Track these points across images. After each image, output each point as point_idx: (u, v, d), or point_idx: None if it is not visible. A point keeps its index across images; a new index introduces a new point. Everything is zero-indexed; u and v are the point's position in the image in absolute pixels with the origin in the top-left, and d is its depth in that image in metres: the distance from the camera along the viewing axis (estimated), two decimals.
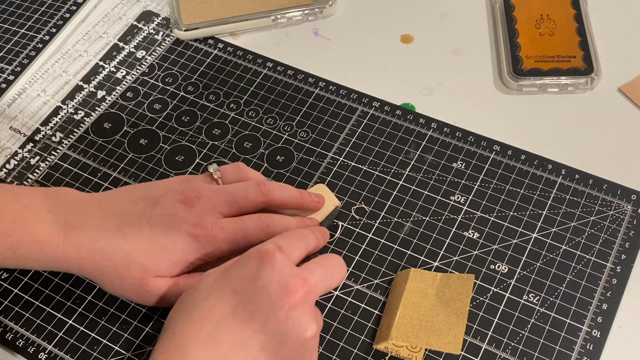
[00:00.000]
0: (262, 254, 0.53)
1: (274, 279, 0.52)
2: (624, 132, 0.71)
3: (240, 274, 0.53)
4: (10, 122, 0.77)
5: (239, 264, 0.54)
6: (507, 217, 0.66)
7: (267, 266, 0.53)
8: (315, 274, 0.54)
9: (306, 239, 0.59)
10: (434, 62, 0.78)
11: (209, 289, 0.53)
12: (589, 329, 0.59)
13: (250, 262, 0.53)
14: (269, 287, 0.52)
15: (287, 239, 0.56)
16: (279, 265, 0.53)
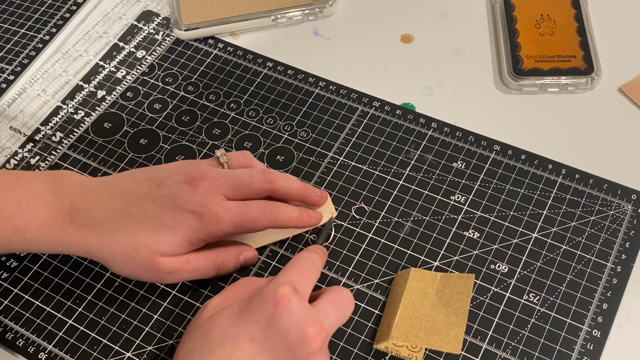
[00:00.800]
0: (278, 298, 0.52)
1: (292, 326, 0.51)
2: (624, 132, 0.71)
3: (256, 319, 0.51)
4: (11, 121, 0.77)
5: (254, 306, 0.52)
6: (508, 216, 0.66)
7: (284, 312, 0.51)
8: (330, 316, 0.53)
9: (316, 265, 0.58)
10: (434, 62, 0.78)
11: (225, 333, 0.52)
12: (589, 328, 0.59)
13: (266, 305, 0.52)
14: (287, 335, 0.51)
15: (300, 274, 0.55)
16: (296, 309, 0.51)
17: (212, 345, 0.51)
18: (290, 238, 0.66)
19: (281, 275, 0.55)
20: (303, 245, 0.66)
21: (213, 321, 0.53)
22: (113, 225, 0.59)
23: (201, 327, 0.53)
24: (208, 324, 0.53)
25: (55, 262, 0.66)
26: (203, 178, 0.59)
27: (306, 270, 0.56)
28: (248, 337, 0.51)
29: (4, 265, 0.66)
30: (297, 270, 0.56)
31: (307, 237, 0.66)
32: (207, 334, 0.52)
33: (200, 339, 0.53)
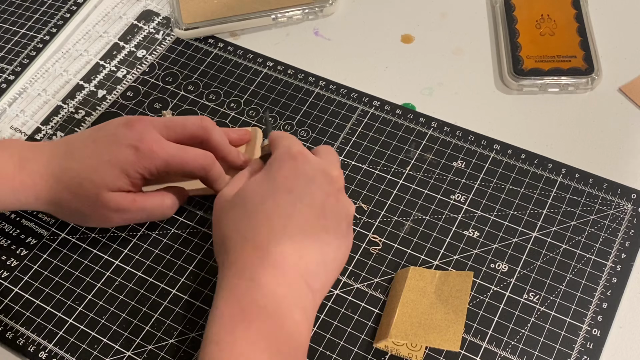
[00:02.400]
0: (294, 154, 0.58)
1: (317, 171, 0.58)
2: (624, 132, 0.71)
3: (285, 174, 0.57)
4: (11, 121, 0.77)
5: (276, 167, 0.58)
6: (508, 216, 0.66)
7: (306, 162, 0.58)
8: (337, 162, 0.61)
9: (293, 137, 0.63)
10: (435, 62, 0.78)
11: (261, 194, 0.56)
12: (589, 327, 0.59)
13: (286, 162, 0.58)
14: (315, 179, 0.57)
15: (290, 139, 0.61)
16: (312, 159, 0.59)
17: (254, 207, 0.56)
18: None
19: (279, 143, 0.61)
20: None
21: (243, 192, 0.58)
22: (58, 167, 0.62)
23: (232, 201, 0.58)
24: (239, 195, 0.58)
25: (56, 262, 0.66)
26: (140, 119, 0.63)
27: (291, 136, 0.62)
28: (284, 189, 0.56)
29: (4, 264, 0.67)
30: (286, 136, 0.62)
31: None
32: (243, 202, 0.57)
33: (237, 208, 0.57)
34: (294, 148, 0.59)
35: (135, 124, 0.62)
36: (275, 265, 0.53)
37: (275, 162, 0.58)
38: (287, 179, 0.57)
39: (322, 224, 0.56)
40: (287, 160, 0.58)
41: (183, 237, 0.67)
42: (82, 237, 0.68)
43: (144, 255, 0.66)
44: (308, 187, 0.56)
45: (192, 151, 0.63)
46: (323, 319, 0.61)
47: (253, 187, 0.57)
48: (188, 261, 0.65)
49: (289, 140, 0.61)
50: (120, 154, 0.61)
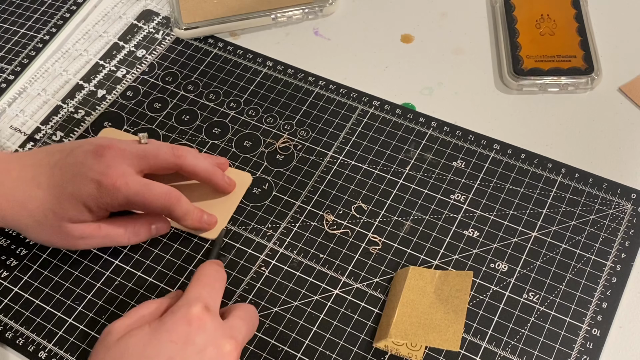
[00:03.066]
0: (190, 317, 0.53)
1: (209, 343, 0.52)
2: (624, 132, 0.71)
3: (172, 339, 0.52)
4: (11, 121, 0.77)
5: (167, 326, 0.53)
6: (507, 215, 0.66)
7: (199, 330, 0.52)
8: (242, 331, 0.55)
9: (221, 274, 0.59)
10: (434, 62, 0.78)
11: (141, 354, 0.51)
12: (588, 327, 0.59)
13: (179, 325, 0.52)
14: (204, 353, 0.52)
15: (208, 287, 0.56)
16: (210, 326, 0.53)
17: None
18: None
19: (190, 292, 0.56)
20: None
21: (124, 343, 0.52)
22: (24, 193, 0.61)
23: (111, 349, 0.53)
24: (119, 346, 0.52)
25: (55, 261, 0.66)
26: (110, 147, 0.61)
27: (213, 281, 0.58)
28: (166, 356, 0.51)
29: (4, 264, 0.67)
30: (205, 283, 0.57)
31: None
32: (121, 356, 0.52)
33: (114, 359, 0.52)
34: (195, 308, 0.53)
35: (106, 153, 0.60)
36: None
37: (169, 320, 0.53)
38: (173, 345, 0.52)
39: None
40: (180, 323, 0.53)
41: (183, 236, 0.67)
42: None
43: (144, 255, 0.66)
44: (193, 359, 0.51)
45: (156, 189, 0.61)
46: (323, 319, 0.61)
47: (135, 342, 0.52)
48: (187, 261, 0.65)
49: (200, 291, 0.56)
50: (83, 187, 0.59)
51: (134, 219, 0.65)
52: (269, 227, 0.67)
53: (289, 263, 0.65)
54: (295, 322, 0.61)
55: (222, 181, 0.67)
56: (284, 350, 0.60)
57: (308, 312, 0.62)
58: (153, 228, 0.65)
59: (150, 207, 0.61)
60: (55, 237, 0.62)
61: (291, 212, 0.68)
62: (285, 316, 0.62)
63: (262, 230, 0.67)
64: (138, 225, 0.64)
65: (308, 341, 0.60)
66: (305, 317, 0.61)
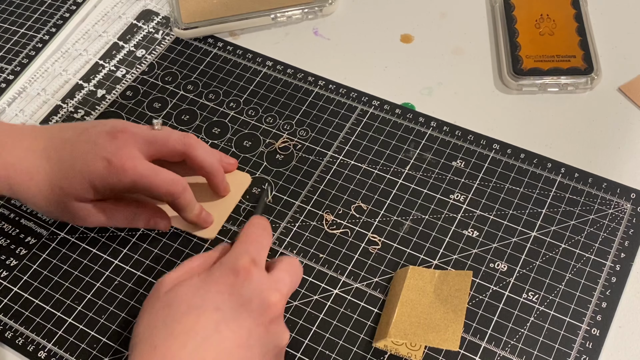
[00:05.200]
0: (238, 268, 0.54)
1: (254, 295, 0.53)
2: (623, 132, 0.71)
3: (219, 289, 0.53)
4: (11, 121, 0.77)
5: (216, 277, 0.54)
6: (507, 215, 0.66)
7: (245, 282, 0.54)
8: (287, 284, 0.56)
9: (267, 231, 0.60)
10: (434, 62, 0.78)
11: (188, 303, 0.53)
12: (588, 327, 0.59)
13: (227, 276, 0.54)
14: (249, 303, 0.53)
15: (255, 242, 0.58)
16: (256, 279, 0.54)
17: (177, 315, 0.52)
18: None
19: (238, 246, 0.57)
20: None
21: (174, 293, 0.54)
22: (33, 163, 0.61)
23: (161, 299, 0.54)
24: (169, 296, 0.54)
25: (55, 261, 0.66)
26: (124, 131, 0.62)
27: (260, 237, 0.59)
28: (212, 306, 0.52)
29: (4, 263, 0.66)
30: (252, 240, 0.58)
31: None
32: (169, 305, 0.53)
33: (162, 309, 0.53)
34: (242, 260, 0.55)
35: (119, 135, 0.61)
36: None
37: (216, 271, 0.55)
38: (220, 295, 0.53)
39: (243, 354, 0.52)
40: (227, 274, 0.54)
41: (182, 236, 0.67)
42: (81, 237, 0.68)
43: (144, 254, 0.66)
44: (238, 310, 0.53)
45: (163, 175, 0.61)
46: (322, 319, 0.61)
47: (185, 291, 0.54)
48: None
49: (247, 246, 0.57)
50: (92, 165, 0.60)
51: (137, 206, 0.65)
52: None
53: None
54: (295, 322, 0.61)
55: (222, 182, 0.67)
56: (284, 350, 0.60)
57: (308, 311, 0.62)
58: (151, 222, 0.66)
59: (155, 192, 0.61)
60: (59, 212, 0.63)
61: (291, 211, 0.68)
62: (285, 316, 0.62)
63: None
64: (139, 214, 0.65)
65: (308, 341, 0.60)
66: (305, 317, 0.61)
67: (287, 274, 0.57)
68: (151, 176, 0.61)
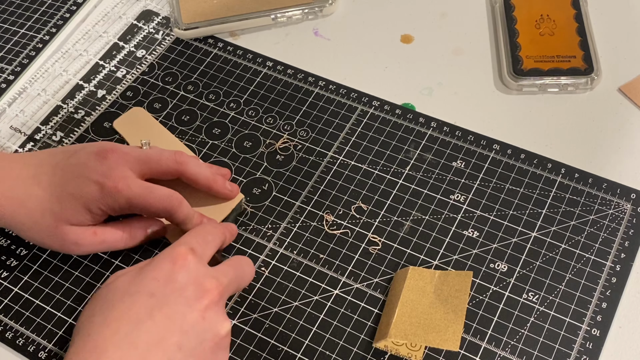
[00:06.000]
0: (175, 255, 0.55)
1: (189, 281, 0.54)
2: (624, 132, 0.71)
3: (155, 276, 0.54)
4: (11, 121, 0.77)
5: (152, 265, 0.55)
6: (507, 215, 0.66)
7: (182, 268, 0.54)
8: (228, 275, 0.57)
9: (216, 236, 0.60)
10: (434, 62, 0.78)
11: (124, 290, 0.53)
12: (588, 327, 0.59)
13: (163, 263, 0.54)
14: (184, 290, 0.53)
15: (198, 238, 0.58)
16: (193, 267, 0.55)
17: (112, 302, 0.53)
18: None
19: (180, 239, 0.57)
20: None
21: (113, 284, 0.55)
22: (24, 191, 0.61)
23: (102, 290, 0.55)
24: (108, 287, 0.55)
25: (55, 261, 0.66)
26: (113, 151, 0.61)
27: (205, 233, 0.59)
28: (147, 292, 0.53)
29: (4, 264, 0.67)
30: (196, 234, 0.58)
31: None
32: (107, 295, 0.54)
33: (100, 299, 0.54)
34: (180, 248, 0.55)
35: (109, 156, 0.61)
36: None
37: (155, 259, 0.55)
38: (155, 282, 0.53)
39: (176, 341, 0.52)
40: (164, 261, 0.55)
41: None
42: None
43: (144, 255, 0.66)
44: (173, 296, 0.53)
45: (157, 192, 0.61)
46: (323, 319, 0.61)
47: (123, 280, 0.54)
48: None
49: (188, 238, 0.57)
50: (85, 188, 0.60)
51: (129, 222, 0.64)
52: (269, 227, 0.67)
53: (288, 263, 0.65)
54: (295, 322, 0.61)
55: (224, 188, 0.66)
56: (284, 350, 0.60)
57: (308, 312, 0.62)
58: (149, 231, 0.65)
59: (152, 210, 0.61)
60: (50, 239, 0.61)
61: (291, 212, 0.68)
62: (285, 316, 0.62)
63: (262, 230, 0.67)
64: (134, 228, 0.64)
65: (308, 341, 0.60)
66: (305, 317, 0.61)
67: (231, 267, 0.58)
68: (146, 195, 0.60)
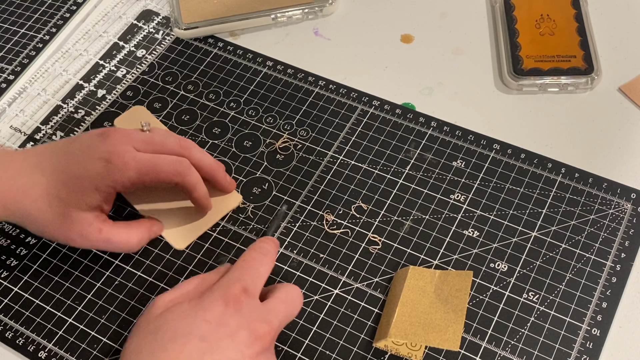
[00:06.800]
0: (228, 296, 0.53)
1: (242, 327, 0.52)
2: (624, 132, 0.71)
3: (207, 318, 0.52)
4: (11, 121, 0.77)
5: (205, 305, 0.53)
6: (507, 215, 0.66)
7: (235, 312, 0.52)
8: (279, 314, 0.54)
9: (268, 258, 0.58)
10: (434, 62, 0.78)
11: (175, 330, 0.52)
12: (588, 327, 0.59)
13: (216, 305, 0.53)
14: (236, 335, 0.52)
15: (251, 270, 0.56)
16: (246, 310, 0.53)
17: (162, 342, 0.51)
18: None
19: (232, 272, 0.55)
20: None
21: (163, 318, 0.53)
22: (27, 180, 0.60)
23: (151, 323, 0.53)
24: (158, 321, 0.53)
25: (55, 261, 0.66)
26: (116, 130, 0.61)
27: (258, 264, 0.57)
28: (199, 335, 0.51)
29: (4, 263, 0.67)
30: (249, 266, 0.56)
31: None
32: (157, 331, 0.52)
33: (149, 334, 0.53)
34: (234, 288, 0.53)
35: (111, 134, 0.60)
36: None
37: (207, 298, 0.53)
38: (207, 324, 0.52)
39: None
40: (217, 302, 0.53)
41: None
42: None
43: (144, 254, 0.66)
44: (224, 341, 0.51)
45: (166, 158, 0.61)
46: (323, 319, 0.61)
47: (173, 317, 0.53)
48: (187, 261, 0.65)
49: (242, 273, 0.55)
50: (91, 167, 0.59)
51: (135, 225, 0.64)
52: (269, 226, 0.67)
53: (288, 263, 0.65)
54: (295, 322, 0.61)
55: (224, 179, 0.67)
56: (284, 350, 0.60)
57: (308, 312, 0.62)
58: (152, 231, 0.65)
59: (163, 175, 0.61)
60: (56, 229, 0.61)
61: (291, 212, 0.68)
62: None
63: (262, 230, 0.67)
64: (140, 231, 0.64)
65: (308, 341, 0.60)
66: (305, 317, 0.61)
67: (283, 303, 0.55)
68: (155, 161, 0.60)
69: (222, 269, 0.58)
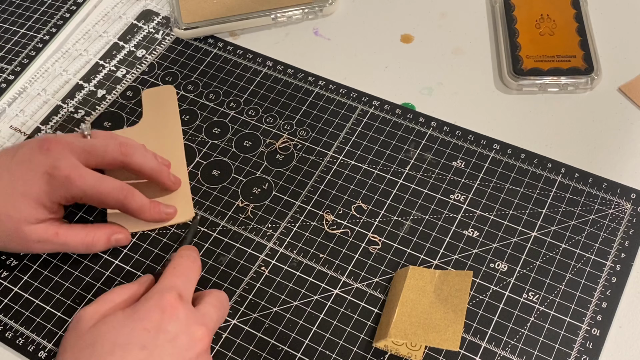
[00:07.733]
0: (164, 304, 0.54)
1: (181, 331, 0.53)
2: (624, 132, 0.71)
3: (145, 326, 0.53)
4: (11, 121, 0.77)
5: (141, 314, 0.53)
6: (507, 215, 0.66)
7: (172, 318, 0.53)
8: (213, 318, 0.57)
9: (196, 263, 0.60)
10: (434, 62, 0.78)
11: (113, 342, 0.52)
12: (588, 327, 0.59)
13: (153, 313, 0.53)
14: (176, 340, 0.53)
15: (182, 276, 0.58)
16: (183, 315, 0.54)
17: (101, 354, 0.51)
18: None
19: (164, 280, 0.57)
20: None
21: (97, 330, 0.53)
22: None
23: (84, 337, 0.53)
24: (92, 333, 0.53)
25: (55, 261, 0.66)
26: (56, 141, 0.61)
27: (188, 271, 0.59)
28: (138, 344, 0.52)
29: (4, 264, 0.66)
30: (180, 273, 0.58)
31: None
32: (93, 343, 0.52)
33: (86, 348, 0.52)
34: (169, 296, 0.54)
35: (52, 147, 0.60)
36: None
37: (142, 307, 0.54)
38: (146, 333, 0.52)
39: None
40: (154, 311, 0.53)
41: (182, 236, 0.67)
42: None
43: (144, 254, 0.66)
44: (165, 347, 0.52)
45: (109, 184, 0.61)
46: (322, 319, 0.61)
47: (109, 329, 0.53)
48: None
49: (174, 280, 0.57)
50: (34, 184, 0.59)
51: (93, 228, 0.64)
52: (269, 227, 0.67)
53: (288, 263, 0.65)
54: (295, 322, 0.61)
55: (168, 180, 0.67)
56: (284, 350, 0.60)
57: (308, 312, 0.62)
58: (112, 239, 0.65)
59: (105, 202, 0.62)
60: (12, 242, 0.61)
61: (291, 212, 0.68)
62: (285, 316, 0.62)
63: (262, 230, 0.67)
64: (97, 235, 0.64)
65: (308, 341, 0.60)
66: (305, 317, 0.61)
67: (214, 307, 0.57)
68: (98, 186, 0.61)
69: (143, 279, 0.59)
